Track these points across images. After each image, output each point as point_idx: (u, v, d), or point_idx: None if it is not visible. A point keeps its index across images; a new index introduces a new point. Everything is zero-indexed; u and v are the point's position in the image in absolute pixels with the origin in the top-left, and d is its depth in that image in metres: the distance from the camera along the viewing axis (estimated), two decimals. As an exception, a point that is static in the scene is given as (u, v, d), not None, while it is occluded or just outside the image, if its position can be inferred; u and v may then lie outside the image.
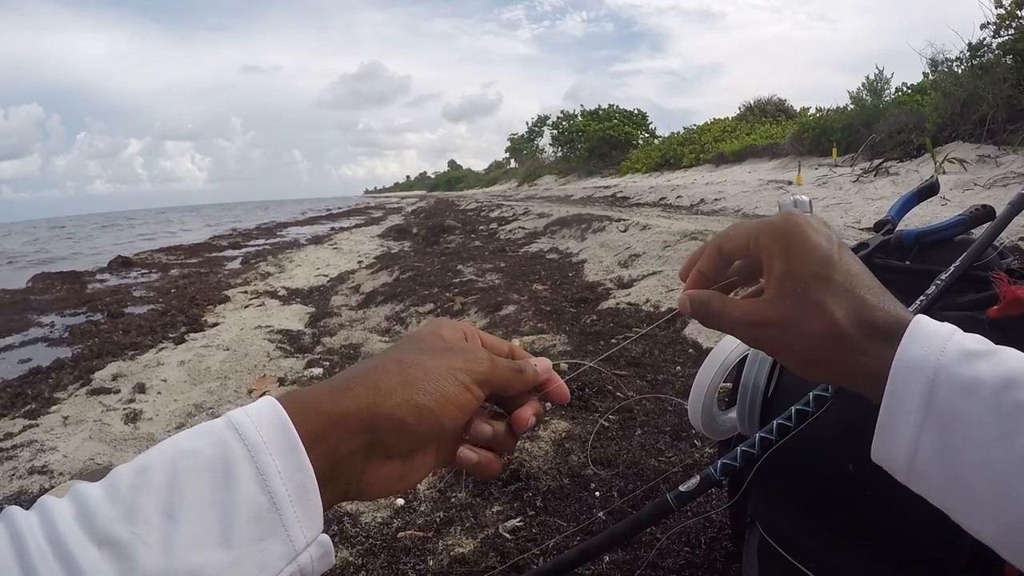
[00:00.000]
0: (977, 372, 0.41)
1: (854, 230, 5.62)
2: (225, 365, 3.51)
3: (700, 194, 11.18)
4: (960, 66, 11.18)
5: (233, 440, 0.39)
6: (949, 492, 0.42)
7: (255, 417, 0.40)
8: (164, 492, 0.36)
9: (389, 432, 0.44)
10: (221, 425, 0.40)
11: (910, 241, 0.92)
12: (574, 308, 4.00)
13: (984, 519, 0.40)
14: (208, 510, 0.36)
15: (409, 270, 6.18)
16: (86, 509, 0.35)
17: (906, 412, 0.42)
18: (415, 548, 1.45)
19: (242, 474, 0.38)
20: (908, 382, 0.42)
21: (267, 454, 0.39)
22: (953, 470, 0.41)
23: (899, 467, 0.44)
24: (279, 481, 0.39)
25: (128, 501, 0.35)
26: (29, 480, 2.28)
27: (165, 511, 0.35)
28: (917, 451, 0.42)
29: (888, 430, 0.44)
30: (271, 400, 0.42)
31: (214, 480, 0.37)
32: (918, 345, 0.43)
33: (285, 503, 0.38)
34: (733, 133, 21.22)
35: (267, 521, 0.38)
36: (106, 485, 0.37)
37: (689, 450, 1.81)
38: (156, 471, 0.37)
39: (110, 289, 8.14)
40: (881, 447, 0.44)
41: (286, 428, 0.40)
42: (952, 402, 0.41)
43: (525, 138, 49.39)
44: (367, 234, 13.34)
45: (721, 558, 1.31)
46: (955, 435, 0.41)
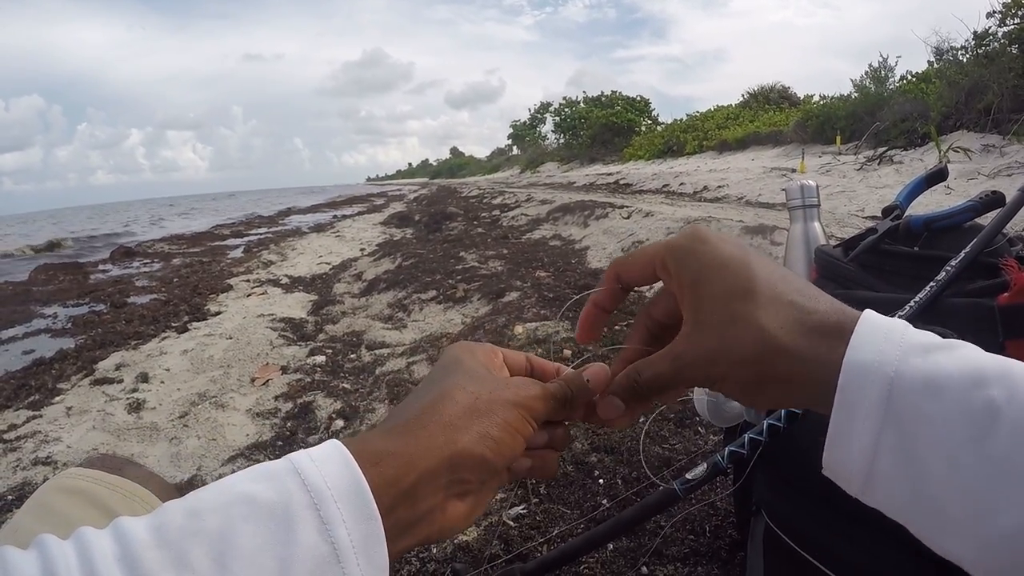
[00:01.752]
0: (941, 368, 0.36)
1: (858, 218, 5.59)
2: (228, 354, 3.51)
3: (703, 181, 11.14)
4: (965, 55, 11.12)
5: (295, 486, 0.36)
6: (914, 506, 0.37)
7: (319, 461, 0.38)
8: (217, 539, 0.34)
9: (469, 469, 0.42)
10: (282, 468, 0.38)
11: (919, 227, 0.91)
12: (577, 295, 3.98)
13: (957, 536, 0.35)
14: (264, 560, 0.34)
15: (411, 257, 6.18)
16: (130, 552, 0.32)
17: (862, 414, 0.37)
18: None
19: (303, 523, 0.35)
20: (863, 381, 0.37)
21: (332, 502, 0.36)
22: (918, 480, 0.36)
23: (853, 476, 0.38)
24: (343, 531, 0.36)
25: (177, 547, 0.33)
26: (33, 471, 2.28)
27: (217, 560, 0.33)
28: (876, 458, 0.37)
29: (841, 436, 0.38)
30: (335, 443, 0.40)
31: (272, 528, 0.35)
32: (871, 341, 0.38)
33: (348, 554, 0.36)
34: (736, 120, 21.13)
35: (326, 573, 0.35)
36: (153, 526, 0.34)
37: (693, 437, 1.80)
38: (209, 516, 0.34)
39: (113, 279, 8.16)
40: (833, 457, 0.39)
41: (352, 474, 0.38)
42: (914, 402, 0.36)
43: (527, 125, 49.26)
44: (369, 222, 13.33)
45: (725, 546, 1.31)
46: (919, 439, 0.36)
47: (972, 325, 0.73)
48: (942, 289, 0.75)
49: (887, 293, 0.85)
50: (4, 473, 2.31)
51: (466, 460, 0.42)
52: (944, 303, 0.75)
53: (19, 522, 0.60)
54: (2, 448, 2.52)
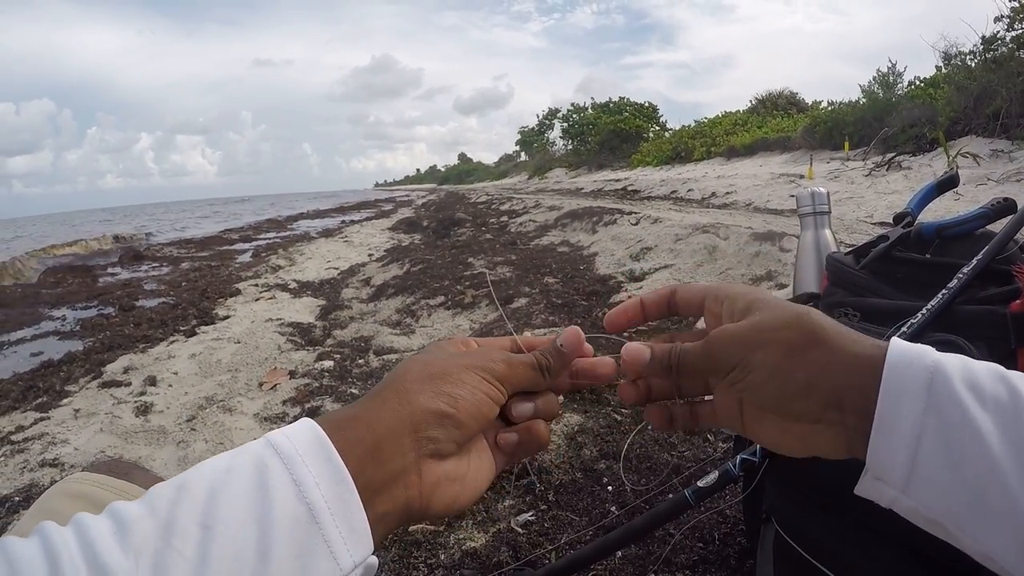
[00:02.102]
0: (974, 369, 0.39)
1: (866, 224, 5.57)
2: (236, 358, 3.52)
3: (711, 187, 11.12)
4: (973, 60, 11.10)
5: (269, 454, 0.39)
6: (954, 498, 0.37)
7: (290, 433, 0.41)
8: (202, 505, 0.36)
9: (431, 425, 0.44)
10: (258, 443, 0.40)
11: (930, 234, 0.91)
12: (586, 301, 3.98)
13: (997, 530, 0.36)
14: (245, 521, 0.36)
15: (420, 263, 6.19)
16: (123, 524, 0.35)
17: (908, 403, 0.38)
18: (426, 542, 1.45)
19: (278, 484, 0.38)
20: (908, 367, 0.39)
21: (301, 464, 0.39)
22: (958, 473, 0.37)
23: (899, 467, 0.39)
24: (316, 492, 0.38)
25: (165, 514, 0.35)
26: (40, 473, 2.29)
27: (201, 523, 0.35)
28: (920, 444, 0.38)
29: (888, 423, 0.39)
30: (306, 419, 0.43)
31: (250, 492, 0.37)
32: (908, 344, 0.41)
33: (324, 515, 0.38)
34: (744, 126, 21.13)
35: (306, 534, 0.37)
36: (144, 501, 0.37)
37: (703, 444, 1.80)
38: (194, 486, 0.37)
39: (121, 282, 8.20)
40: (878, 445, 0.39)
41: (320, 439, 0.40)
42: (954, 395, 0.38)
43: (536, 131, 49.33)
44: (377, 227, 13.36)
45: (735, 554, 1.30)
46: (959, 432, 0.37)
47: (984, 332, 0.72)
48: (954, 296, 0.75)
49: (899, 300, 0.85)
50: (12, 475, 2.32)
51: (424, 416, 0.44)
52: (956, 311, 0.75)
53: (24, 527, 0.60)
54: (10, 450, 2.53)
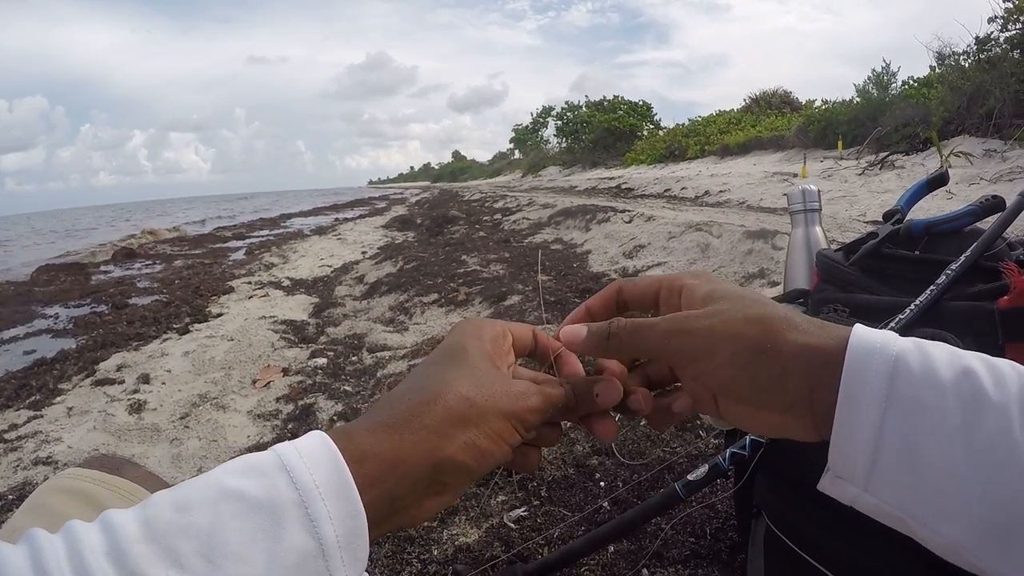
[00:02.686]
0: (933, 359, 0.38)
1: (859, 223, 5.59)
2: (229, 355, 3.51)
3: (705, 186, 11.14)
4: (967, 60, 11.12)
5: (284, 484, 0.37)
6: (911, 492, 0.37)
7: (307, 457, 0.38)
8: (206, 536, 0.34)
9: (450, 474, 0.43)
10: (270, 463, 0.38)
11: (920, 231, 0.91)
12: (579, 299, 3.98)
13: (949, 520, 0.36)
14: (252, 556, 0.34)
15: (413, 260, 6.19)
16: (119, 546, 0.33)
17: (868, 397, 0.38)
18: (420, 538, 1.46)
19: (291, 520, 0.36)
20: (869, 365, 0.39)
21: (319, 500, 0.37)
22: (917, 466, 0.37)
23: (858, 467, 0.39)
24: (329, 527, 0.37)
25: (166, 542, 0.33)
26: (34, 471, 2.29)
27: (207, 556, 0.33)
28: (880, 441, 0.38)
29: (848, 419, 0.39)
30: (322, 437, 0.40)
31: (261, 525, 0.35)
32: (873, 333, 0.40)
33: (333, 550, 0.37)
34: (738, 125, 21.14)
35: (311, 567, 0.36)
36: (142, 519, 0.34)
37: (694, 440, 1.80)
38: (198, 511, 0.35)
39: (114, 280, 8.17)
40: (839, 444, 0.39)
41: (340, 471, 0.38)
42: (914, 389, 0.37)
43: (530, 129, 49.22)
44: (371, 225, 13.35)
45: (726, 548, 1.31)
46: (918, 425, 0.37)
47: (972, 328, 0.73)
48: (942, 293, 0.75)
49: (888, 297, 0.86)
50: (5, 473, 2.32)
51: (449, 467, 0.42)
52: (944, 307, 0.76)
53: (16, 522, 0.60)
54: (3, 448, 2.53)
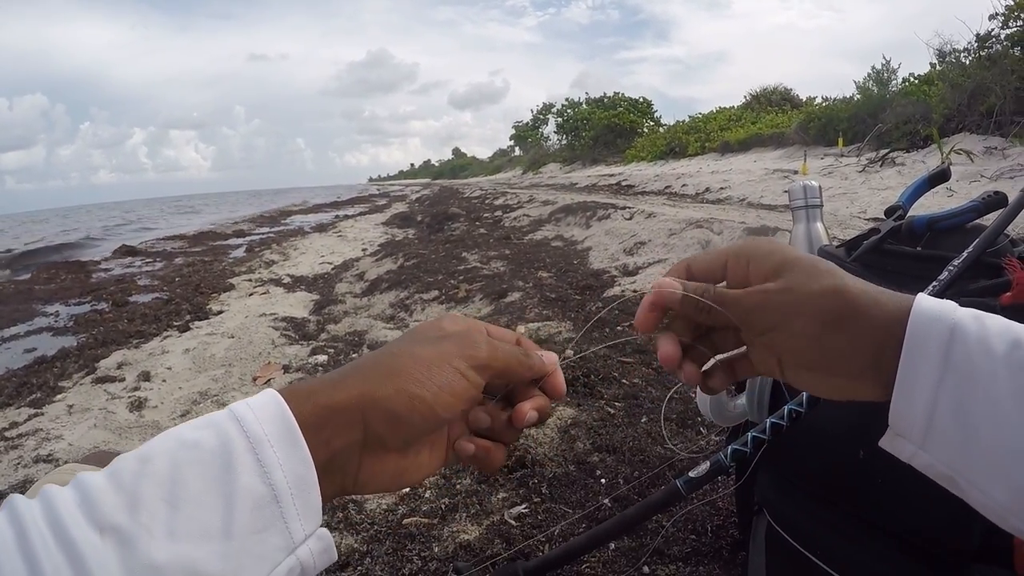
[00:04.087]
0: (988, 329, 0.40)
1: (860, 220, 5.59)
2: (230, 353, 3.51)
3: (705, 183, 11.13)
4: (968, 57, 11.09)
5: (235, 432, 0.39)
6: (963, 454, 0.40)
7: (257, 409, 0.40)
8: (167, 481, 0.36)
9: (381, 423, 0.43)
10: (223, 417, 0.40)
11: (922, 227, 0.91)
12: (579, 295, 3.99)
13: (996, 482, 0.39)
14: (210, 500, 0.36)
15: (413, 257, 6.18)
16: (89, 497, 0.35)
17: (927, 364, 0.41)
18: (420, 535, 1.46)
19: (244, 466, 0.38)
20: (928, 332, 0.41)
21: (268, 446, 0.39)
22: (969, 429, 0.40)
23: (916, 427, 0.41)
24: (280, 474, 0.38)
25: (131, 489, 0.35)
26: (35, 468, 2.29)
27: (167, 500, 0.35)
28: (936, 405, 0.40)
29: (907, 387, 0.41)
30: (272, 392, 0.42)
31: (216, 471, 0.37)
32: (933, 302, 0.42)
33: (285, 495, 0.38)
34: (739, 122, 21.10)
35: (266, 513, 0.38)
36: (109, 473, 0.36)
37: (695, 437, 1.80)
38: (159, 460, 0.37)
39: (115, 278, 8.17)
40: (899, 407, 0.42)
41: (288, 421, 0.40)
42: (969, 356, 0.40)
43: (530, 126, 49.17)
44: (371, 222, 13.35)
45: (727, 546, 1.31)
46: (972, 391, 0.40)
47: (975, 325, 0.73)
48: (944, 288, 0.75)
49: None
50: (6, 470, 2.32)
51: (376, 413, 0.43)
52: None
53: None
54: (4, 446, 2.53)
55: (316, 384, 0.44)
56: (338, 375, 0.45)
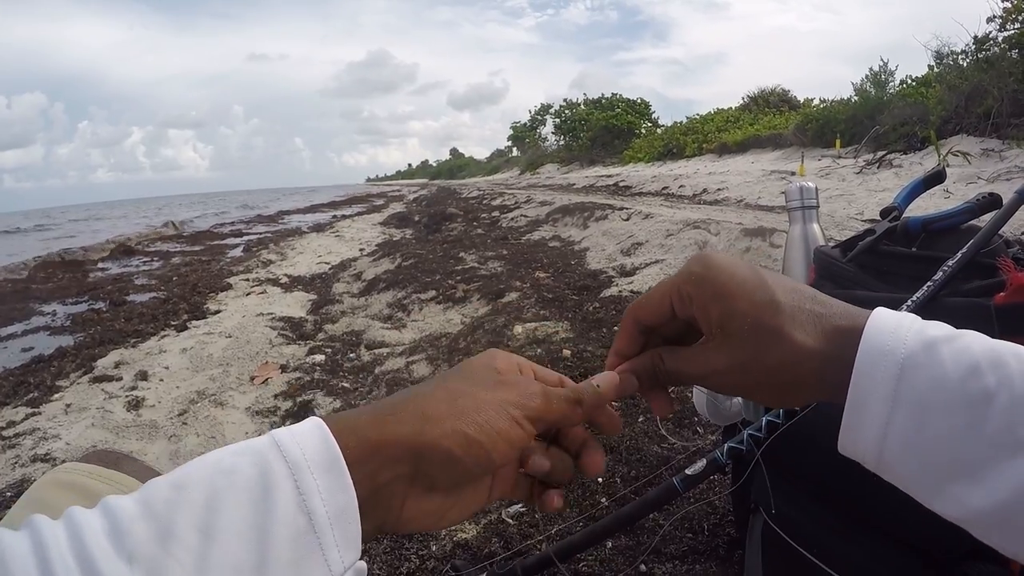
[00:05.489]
0: (942, 360, 0.40)
1: (857, 221, 5.60)
2: (227, 352, 3.51)
3: (703, 184, 11.14)
4: (965, 59, 11.10)
5: (274, 458, 0.37)
6: (921, 478, 0.41)
7: (299, 435, 0.39)
8: (201, 510, 0.35)
9: (434, 463, 0.42)
10: (263, 443, 0.39)
11: (917, 228, 0.92)
12: (576, 296, 3.99)
13: (957, 503, 0.39)
14: (245, 530, 0.35)
15: (411, 257, 6.18)
16: (118, 525, 0.33)
17: (873, 405, 0.41)
18: (418, 534, 1.46)
19: (281, 493, 0.36)
20: (873, 375, 0.41)
21: (308, 473, 0.37)
22: (925, 456, 0.40)
23: (867, 456, 0.42)
24: (319, 502, 0.37)
25: (164, 519, 0.34)
26: (32, 468, 2.29)
27: (201, 529, 0.34)
28: (886, 439, 0.41)
29: (855, 425, 0.42)
30: (316, 420, 0.41)
31: (253, 499, 0.36)
32: (880, 337, 0.42)
33: (324, 525, 0.37)
34: (736, 123, 21.10)
35: (304, 543, 0.36)
36: (140, 500, 0.35)
37: (692, 436, 1.81)
38: (194, 488, 0.36)
39: (112, 277, 8.16)
40: (848, 438, 0.43)
41: (331, 447, 0.39)
42: (919, 393, 0.40)
43: (528, 126, 49.15)
44: (369, 222, 13.34)
45: (724, 544, 1.31)
46: (924, 426, 0.40)
47: (969, 324, 0.72)
48: (939, 289, 0.76)
49: (885, 293, 0.86)
50: (3, 470, 2.32)
51: (430, 452, 0.42)
52: (941, 303, 0.76)
53: (14, 516, 0.60)
54: (1, 445, 2.53)
55: (366, 414, 0.43)
56: (389, 405, 0.43)
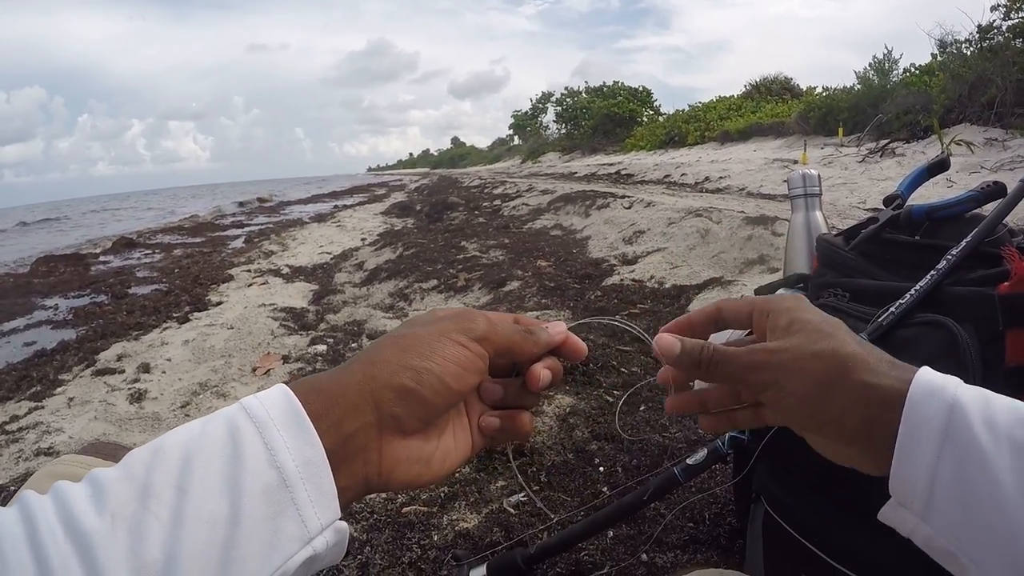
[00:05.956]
0: (992, 406, 0.41)
1: (860, 210, 5.58)
2: (229, 344, 3.52)
3: (705, 172, 11.11)
4: (969, 48, 11.04)
5: (242, 419, 0.39)
6: (964, 526, 0.40)
7: (263, 399, 0.41)
8: (176, 469, 0.36)
9: (393, 401, 0.44)
10: (233, 408, 0.41)
11: (920, 216, 0.91)
12: (578, 284, 3.99)
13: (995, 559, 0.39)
14: (218, 485, 0.36)
15: (412, 247, 6.18)
16: (99, 488, 0.35)
17: (926, 437, 0.41)
18: (420, 523, 1.46)
19: (250, 447, 0.38)
20: (928, 405, 0.42)
21: (274, 430, 0.39)
22: (970, 501, 0.40)
23: (917, 496, 0.42)
24: (287, 456, 0.38)
25: (141, 479, 0.36)
26: (35, 462, 2.29)
27: (177, 487, 0.36)
28: (937, 475, 0.41)
29: (907, 455, 0.42)
30: (280, 385, 0.43)
31: (224, 456, 0.38)
32: (935, 376, 0.43)
33: (295, 479, 0.38)
34: (738, 111, 21.03)
35: (277, 498, 0.38)
36: (121, 465, 0.37)
37: (693, 426, 1.81)
38: (169, 451, 0.37)
39: (113, 270, 8.16)
40: (899, 474, 0.43)
41: (293, 405, 0.41)
42: (970, 430, 0.40)
43: (529, 115, 49.01)
44: (370, 211, 13.32)
45: (725, 534, 1.31)
46: (973, 463, 0.40)
47: (972, 313, 0.73)
48: (943, 277, 0.75)
49: (888, 282, 0.85)
50: (7, 464, 2.32)
51: (385, 392, 0.43)
52: (945, 292, 0.75)
53: None
54: (5, 439, 2.54)
55: (325, 373, 0.45)
56: (345, 363, 0.45)
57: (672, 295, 3.53)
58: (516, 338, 0.50)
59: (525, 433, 0.53)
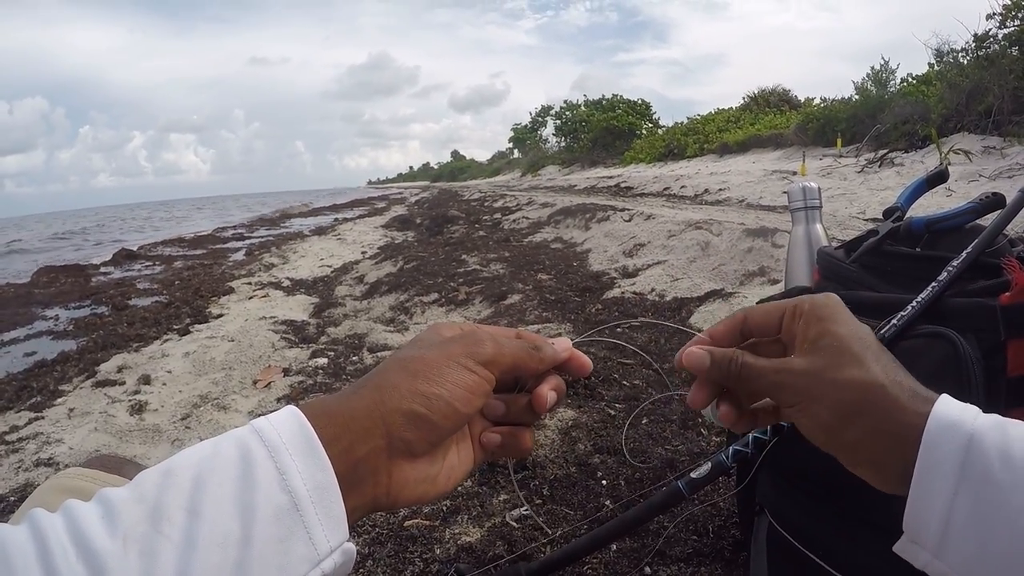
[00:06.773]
0: (1010, 439, 0.40)
1: (859, 221, 5.59)
2: (230, 356, 3.51)
3: (704, 184, 11.13)
4: (966, 57, 11.11)
5: (254, 442, 0.40)
6: (979, 563, 0.40)
7: (275, 421, 0.41)
8: (188, 491, 0.37)
9: (404, 426, 0.44)
10: (244, 430, 0.41)
11: (920, 228, 0.91)
12: (579, 297, 3.99)
13: None
14: (229, 507, 0.37)
15: (413, 260, 6.18)
16: (111, 510, 0.35)
17: (942, 476, 0.41)
18: (422, 537, 1.46)
19: (262, 471, 0.38)
20: (945, 441, 0.41)
21: (286, 454, 0.39)
22: (986, 539, 0.39)
23: (931, 535, 0.41)
24: (299, 481, 0.39)
25: (153, 501, 0.36)
26: (35, 472, 2.28)
27: (188, 509, 0.36)
28: (951, 515, 0.40)
29: (922, 494, 0.42)
30: (291, 407, 0.43)
31: (235, 477, 0.38)
32: (953, 408, 0.43)
33: (306, 503, 0.39)
34: (737, 123, 21.10)
35: (288, 521, 0.38)
36: (132, 486, 0.37)
37: (696, 439, 1.81)
38: (181, 473, 0.38)
39: (114, 281, 8.17)
40: (913, 513, 0.42)
41: (305, 429, 0.41)
42: (987, 467, 0.40)
43: (529, 128, 49.17)
44: (370, 224, 13.34)
45: (729, 546, 1.31)
46: (988, 501, 0.39)
47: (973, 324, 0.73)
48: (944, 289, 0.75)
49: (889, 294, 0.86)
50: (6, 475, 2.31)
51: (396, 417, 0.44)
52: (946, 303, 0.76)
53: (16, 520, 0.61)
54: (4, 450, 2.53)
55: (333, 396, 0.45)
56: (352, 387, 0.46)
57: (673, 307, 3.53)
58: (522, 355, 0.50)
59: (526, 450, 0.54)
